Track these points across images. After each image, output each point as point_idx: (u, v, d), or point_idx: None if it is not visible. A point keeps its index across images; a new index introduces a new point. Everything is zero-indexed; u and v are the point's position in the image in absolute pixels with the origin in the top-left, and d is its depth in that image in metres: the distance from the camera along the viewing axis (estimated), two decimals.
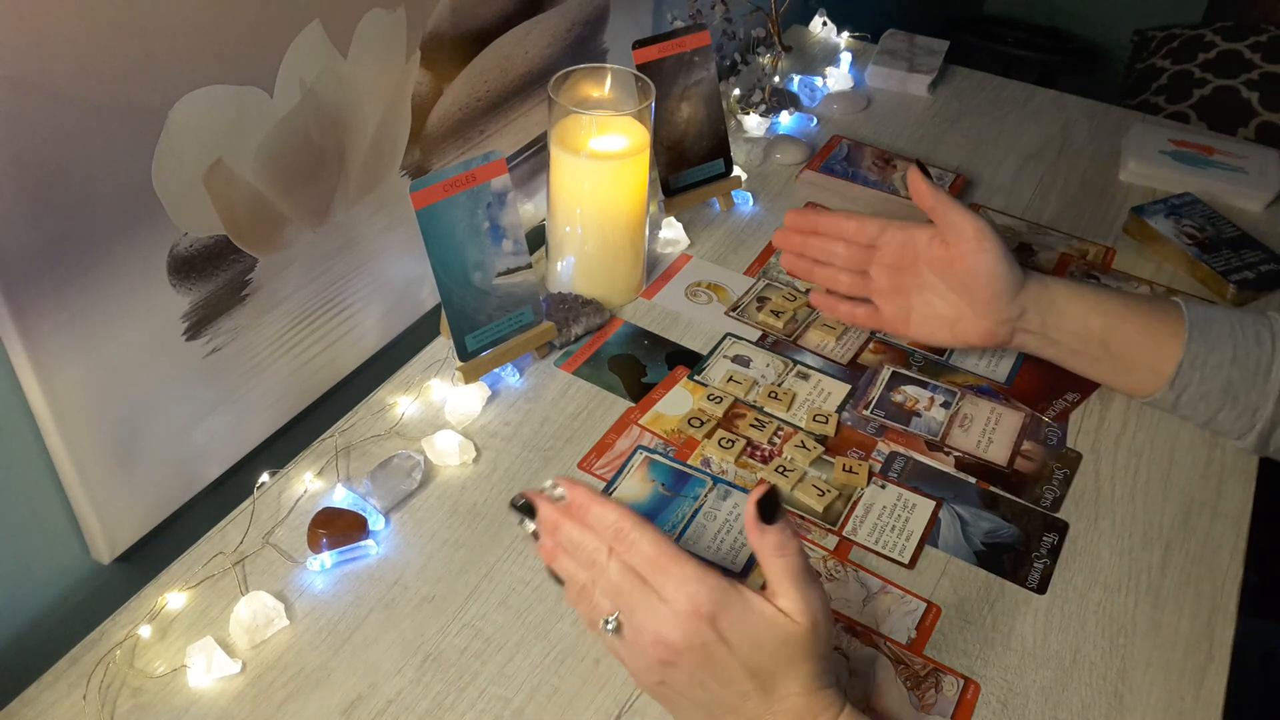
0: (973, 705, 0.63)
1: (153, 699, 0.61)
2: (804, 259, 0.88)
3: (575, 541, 0.56)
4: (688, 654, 0.53)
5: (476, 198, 0.75)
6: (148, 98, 0.58)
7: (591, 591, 0.56)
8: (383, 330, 0.85)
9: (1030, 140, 1.19)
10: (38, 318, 0.57)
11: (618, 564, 0.55)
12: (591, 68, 0.86)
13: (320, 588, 0.67)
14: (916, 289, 0.82)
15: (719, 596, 0.53)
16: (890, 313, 0.84)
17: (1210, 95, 1.70)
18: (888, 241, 0.83)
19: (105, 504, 0.65)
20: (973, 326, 0.80)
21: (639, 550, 0.54)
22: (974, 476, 0.78)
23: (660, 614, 0.53)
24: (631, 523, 0.55)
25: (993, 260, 0.77)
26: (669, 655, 0.53)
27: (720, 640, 0.53)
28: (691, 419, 0.80)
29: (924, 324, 0.83)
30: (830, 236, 0.86)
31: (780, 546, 0.54)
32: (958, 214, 0.78)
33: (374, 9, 0.71)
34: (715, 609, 0.52)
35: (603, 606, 0.56)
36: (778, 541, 0.54)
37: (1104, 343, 0.79)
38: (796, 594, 0.54)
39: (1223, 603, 0.70)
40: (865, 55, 1.31)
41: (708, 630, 0.52)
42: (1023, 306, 0.79)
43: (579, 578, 0.57)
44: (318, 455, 0.76)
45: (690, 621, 0.52)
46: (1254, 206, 1.08)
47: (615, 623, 0.55)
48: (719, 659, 0.53)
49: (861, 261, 0.85)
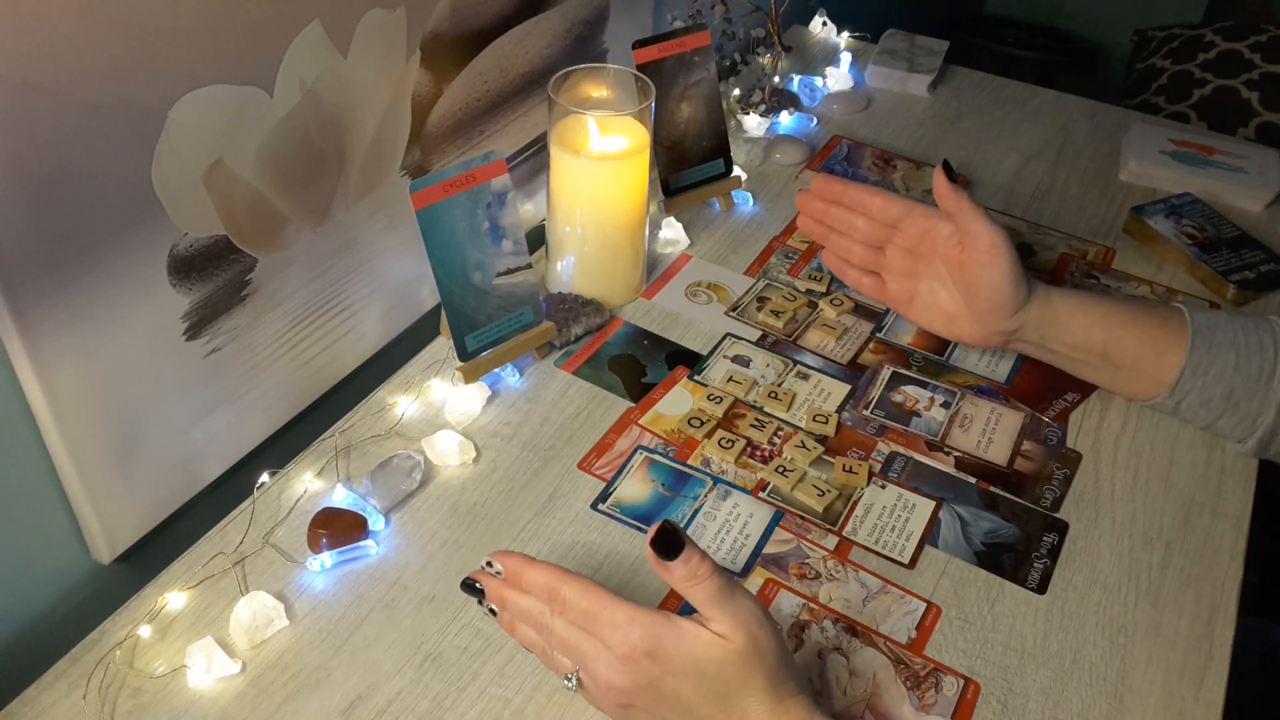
0: (973, 705, 0.63)
1: (153, 699, 0.61)
2: (822, 225, 0.87)
3: (523, 609, 0.58)
4: (638, 694, 0.55)
5: (476, 198, 0.75)
6: (148, 98, 0.58)
7: (550, 653, 0.58)
8: (383, 330, 0.85)
9: (1030, 140, 1.19)
10: (38, 318, 0.57)
11: (561, 621, 0.57)
12: (591, 68, 0.86)
13: (320, 588, 0.67)
14: (926, 276, 0.82)
15: (653, 632, 0.54)
16: (896, 291, 0.84)
17: (1210, 95, 1.70)
18: (910, 226, 0.82)
19: (105, 504, 0.65)
20: (968, 328, 0.81)
21: (571, 605, 0.56)
22: (974, 476, 0.78)
23: (606, 660, 0.55)
24: (559, 579, 0.56)
25: (999, 278, 0.76)
26: (623, 698, 0.55)
27: (665, 674, 0.54)
28: (691, 419, 0.80)
29: (924, 311, 0.83)
30: (853, 210, 0.84)
31: (690, 576, 0.53)
32: (977, 223, 0.76)
33: (374, 9, 0.71)
34: (651, 645, 0.54)
35: (562, 664, 0.58)
36: (686, 573, 0.53)
37: (1105, 354, 0.79)
38: (723, 614, 0.54)
39: (1223, 603, 0.70)
40: (865, 55, 1.31)
41: (650, 667, 0.54)
42: (1020, 323, 0.78)
43: (537, 643, 0.59)
44: (318, 455, 0.76)
45: (630, 663, 0.54)
46: (1254, 206, 1.08)
47: (575, 679, 0.57)
48: (670, 691, 0.54)
49: (880, 239, 0.84)
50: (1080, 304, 0.79)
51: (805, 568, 0.70)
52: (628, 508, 0.74)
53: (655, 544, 0.54)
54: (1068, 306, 0.78)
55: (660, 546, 0.53)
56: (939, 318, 0.82)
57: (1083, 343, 0.79)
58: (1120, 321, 0.78)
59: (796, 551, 0.71)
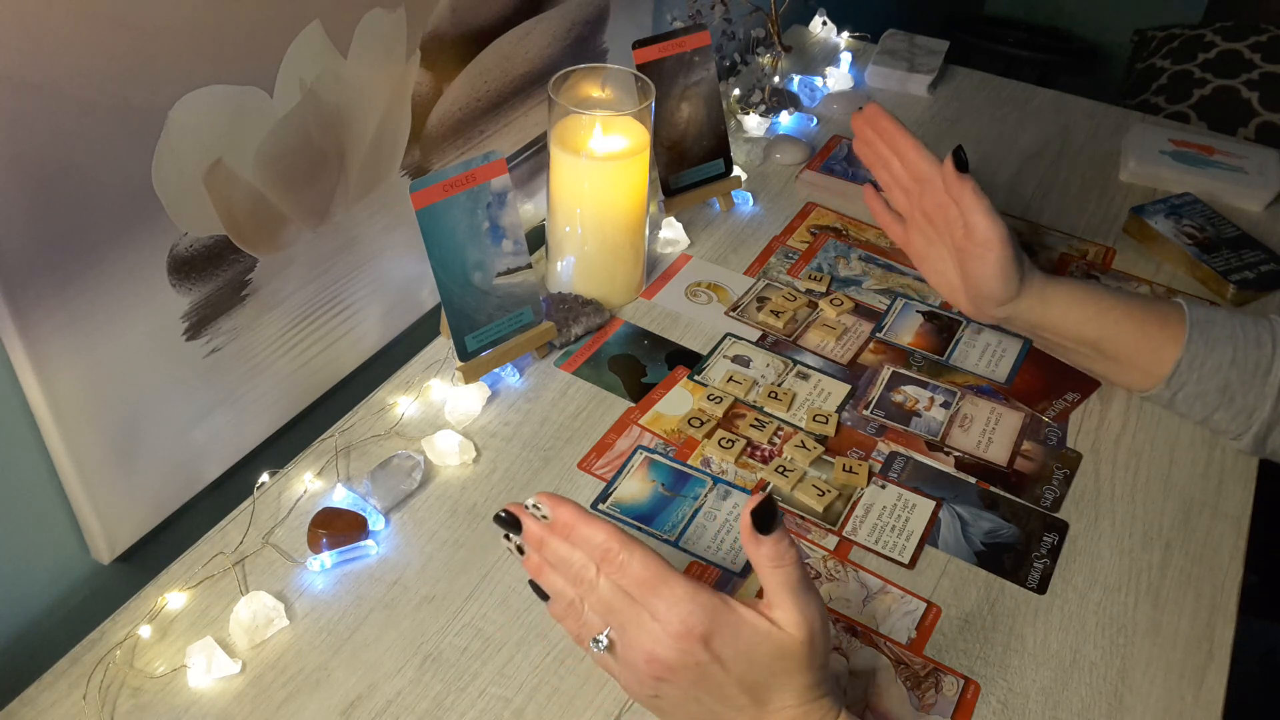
0: (973, 705, 0.63)
1: (153, 699, 0.61)
2: (871, 151, 0.86)
3: (562, 558, 0.55)
4: (682, 672, 0.53)
5: (476, 198, 0.75)
6: (148, 98, 0.58)
7: (580, 608, 0.56)
8: (383, 330, 0.85)
9: (1030, 140, 1.19)
10: (38, 318, 0.57)
11: (607, 582, 0.54)
12: (591, 68, 0.86)
13: (320, 588, 0.67)
14: (940, 244, 0.83)
15: (712, 616, 0.52)
16: (917, 245, 0.85)
17: (1210, 95, 1.70)
18: (929, 191, 0.82)
19: (105, 504, 0.65)
20: (965, 303, 0.83)
21: (629, 571, 0.53)
22: (974, 476, 0.78)
23: (653, 633, 0.52)
24: (620, 542, 0.53)
25: (987, 272, 0.78)
26: (663, 673, 0.53)
27: (714, 659, 0.52)
28: (691, 419, 0.80)
29: (934, 272, 0.85)
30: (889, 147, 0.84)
31: (777, 558, 0.52)
32: (977, 213, 0.77)
33: (374, 9, 0.71)
34: (709, 629, 0.52)
35: (593, 623, 0.55)
36: (774, 553, 0.52)
37: (1099, 348, 0.80)
38: (793, 606, 0.53)
39: (1223, 603, 0.70)
40: (865, 55, 1.31)
41: (702, 650, 0.52)
42: (1009, 314, 0.80)
43: (566, 594, 0.56)
44: (318, 455, 0.76)
45: (684, 642, 0.52)
46: (1254, 206, 1.08)
47: (607, 640, 0.54)
48: (713, 676, 0.53)
49: (909, 187, 0.84)
50: (1077, 298, 0.79)
51: (805, 568, 0.70)
52: (628, 507, 0.74)
53: (755, 514, 0.52)
54: (1063, 301, 0.79)
55: (759, 518, 0.52)
56: (944, 283, 0.84)
57: (1076, 335, 0.80)
58: (1116, 318, 0.79)
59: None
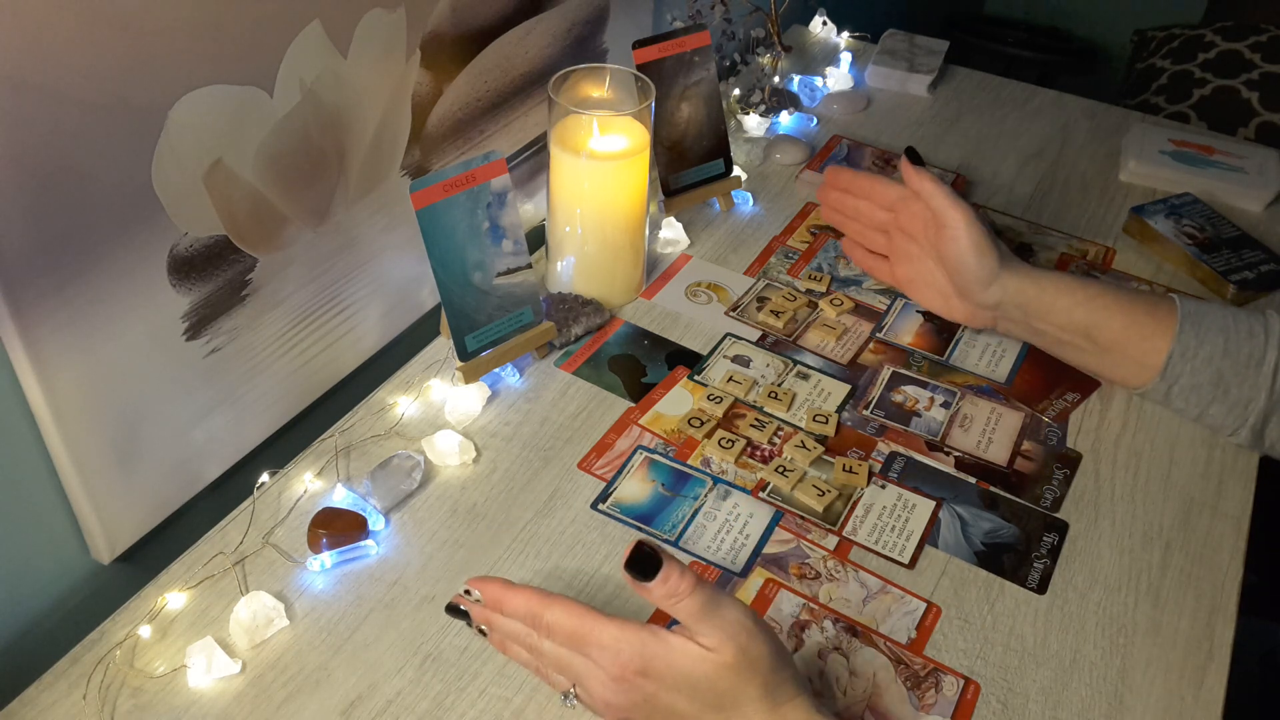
0: (973, 705, 0.63)
1: (153, 699, 0.61)
2: (839, 213, 0.91)
3: (510, 632, 0.59)
4: (635, 710, 0.55)
5: (476, 198, 0.75)
6: (148, 98, 0.58)
7: (545, 671, 0.59)
8: (383, 330, 0.85)
9: (1030, 140, 1.19)
10: (38, 318, 0.57)
11: (550, 643, 0.57)
12: (591, 68, 0.86)
13: (320, 588, 0.67)
14: (923, 257, 0.85)
15: (642, 651, 0.54)
16: (902, 274, 0.87)
17: (1210, 95, 1.70)
18: (904, 210, 0.85)
19: (105, 504, 0.65)
20: (958, 306, 0.84)
21: (558, 629, 0.56)
22: (974, 476, 0.78)
23: (599, 679, 0.55)
24: (540, 604, 0.56)
25: (960, 250, 0.80)
26: (621, 714, 0.56)
27: (659, 690, 0.54)
28: (691, 419, 0.80)
29: (924, 290, 0.86)
30: (859, 196, 0.89)
31: (671, 594, 0.52)
32: (940, 200, 0.80)
33: (374, 9, 0.71)
34: (642, 664, 0.54)
35: (558, 681, 0.58)
36: (666, 592, 0.52)
37: (1090, 336, 0.80)
38: (710, 628, 0.53)
39: (1223, 603, 0.70)
40: (865, 55, 1.31)
41: (644, 684, 0.54)
42: (998, 299, 0.81)
43: (530, 661, 0.59)
44: (318, 455, 0.76)
45: (623, 682, 0.54)
46: (1254, 206, 1.08)
47: (574, 695, 0.58)
48: (666, 705, 0.54)
49: (883, 222, 0.88)
50: (1066, 285, 0.80)
51: (805, 568, 0.70)
52: (628, 508, 0.74)
53: (631, 566, 0.52)
54: (1053, 287, 0.80)
55: (636, 568, 0.52)
56: (936, 297, 0.85)
57: (1066, 323, 0.80)
58: (1105, 304, 0.79)
59: (796, 551, 0.71)
